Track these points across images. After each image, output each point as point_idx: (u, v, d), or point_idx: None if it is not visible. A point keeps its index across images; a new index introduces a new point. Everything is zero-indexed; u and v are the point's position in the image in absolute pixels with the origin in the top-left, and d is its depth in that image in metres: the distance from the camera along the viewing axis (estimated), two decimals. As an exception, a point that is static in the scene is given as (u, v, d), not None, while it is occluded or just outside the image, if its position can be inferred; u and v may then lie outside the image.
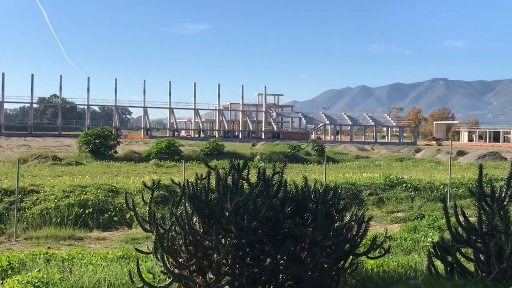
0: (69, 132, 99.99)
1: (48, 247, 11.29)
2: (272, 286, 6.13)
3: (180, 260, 6.14)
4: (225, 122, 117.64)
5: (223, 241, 5.95)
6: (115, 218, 14.61)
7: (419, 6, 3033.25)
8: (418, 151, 59.33)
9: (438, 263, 7.16)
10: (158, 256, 6.13)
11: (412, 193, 20.04)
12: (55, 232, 13.00)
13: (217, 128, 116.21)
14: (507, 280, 6.20)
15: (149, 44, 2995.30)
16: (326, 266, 6.28)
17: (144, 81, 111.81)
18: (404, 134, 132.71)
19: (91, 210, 14.60)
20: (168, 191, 16.45)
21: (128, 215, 14.49)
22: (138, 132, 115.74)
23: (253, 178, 6.44)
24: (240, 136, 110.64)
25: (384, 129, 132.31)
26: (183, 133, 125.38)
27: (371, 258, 7.18)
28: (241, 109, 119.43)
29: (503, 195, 6.56)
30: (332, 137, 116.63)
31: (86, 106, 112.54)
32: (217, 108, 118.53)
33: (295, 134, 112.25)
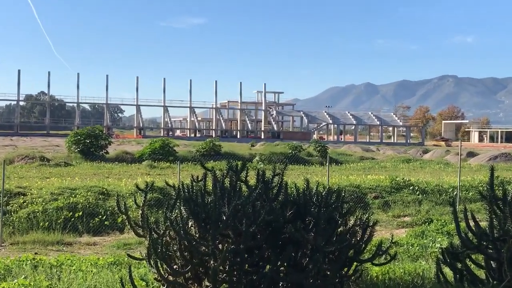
0: (58, 132, 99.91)
1: (36, 253, 11.28)
2: (272, 294, 6.13)
3: (175, 267, 6.13)
4: (223, 121, 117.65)
5: (220, 247, 5.94)
6: (106, 222, 14.59)
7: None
8: (426, 152, 59.35)
9: (447, 270, 7.15)
10: (152, 263, 6.12)
11: (420, 197, 20.05)
12: (43, 237, 12.98)
13: (214, 128, 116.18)
14: (520, 288, 6.20)
15: (142, 39, 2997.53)
16: (329, 273, 6.28)
17: (137, 78, 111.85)
18: (411, 134, 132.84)
19: (81, 214, 14.58)
20: (162, 194, 16.44)
21: (120, 219, 14.48)
22: (131, 132, 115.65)
23: (252, 180, 6.43)
24: (238, 136, 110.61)
25: (390, 129, 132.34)
26: (178, 133, 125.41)
27: (376, 265, 7.18)
28: (239, 108, 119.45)
29: (516, 199, 6.55)
30: (335, 137, 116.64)
31: (76, 104, 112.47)
32: (214, 106, 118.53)
33: (296, 134, 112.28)
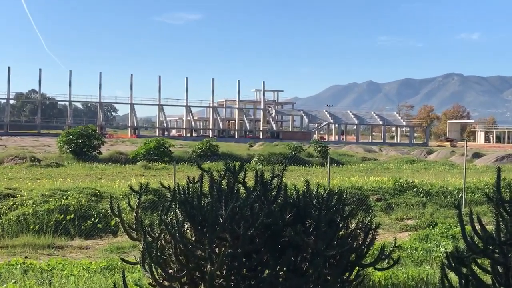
0: (49, 131, 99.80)
1: (26, 257, 11.27)
2: (271, 300, 6.13)
3: (170, 271, 6.13)
4: (220, 121, 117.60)
5: (217, 251, 5.94)
6: (99, 225, 14.58)
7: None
8: (430, 153, 59.40)
9: (452, 275, 7.15)
10: (146, 267, 6.11)
11: (424, 199, 20.06)
12: (33, 240, 12.96)
13: (211, 127, 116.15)
14: (527, 294, 6.21)
15: (137, 35, 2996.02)
16: (330, 278, 6.28)
17: (131, 76, 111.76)
18: (415, 134, 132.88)
19: (73, 217, 14.56)
20: (157, 196, 16.43)
21: (113, 222, 14.47)
22: (125, 131, 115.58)
23: (250, 182, 6.43)
24: (236, 136, 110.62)
25: (393, 129, 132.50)
26: (174, 133, 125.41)
27: (379, 270, 7.18)
28: (237, 107, 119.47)
29: (523, 201, 6.56)
30: (337, 137, 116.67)
31: (68, 103, 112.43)
32: (211, 105, 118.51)
33: (296, 134, 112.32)
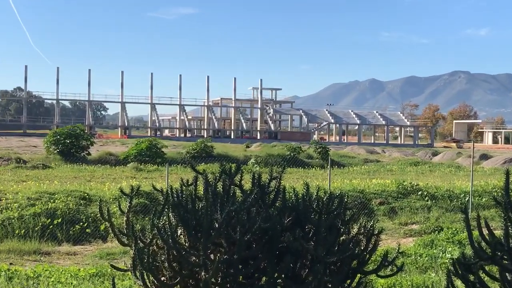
0: (36, 131, 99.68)
1: (11, 263, 11.25)
2: (268, 309, 6.12)
3: (163, 279, 6.11)
4: (215, 120, 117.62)
5: (212, 257, 5.93)
6: (88, 230, 14.56)
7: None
8: (436, 155, 59.49)
9: (459, 283, 7.16)
10: (137, 274, 6.10)
11: (429, 203, 20.09)
12: (19, 246, 12.94)
13: (206, 127, 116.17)
14: (537, 303, 6.21)
15: (128, 31, 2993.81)
16: (330, 286, 6.27)
17: (122, 73, 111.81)
18: (420, 135, 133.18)
19: (60, 221, 14.54)
20: (149, 199, 16.42)
21: (103, 227, 14.45)
22: (115, 131, 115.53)
23: (247, 185, 6.42)
24: (232, 136, 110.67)
25: (397, 129, 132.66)
26: (167, 133, 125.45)
27: (382, 277, 7.18)
28: (234, 105, 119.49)
29: (533, 205, 6.57)
30: (337, 138, 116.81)
31: (55, 101, 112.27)
32: (206, 104, 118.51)
33: (295, 134, 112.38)
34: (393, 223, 17.61)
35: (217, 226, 5.77)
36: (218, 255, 5.95)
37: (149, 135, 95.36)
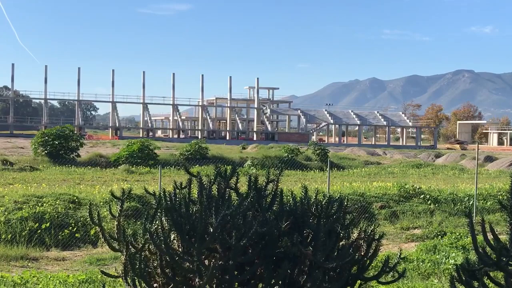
0: (23, 132, 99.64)
1: (-4, 269, 11.22)
2: (265, 317, 6.12)
3: (155, 285, 6.11)
4: (210, 121, 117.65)
5: (207, 263, 5.93)
6: (77, 235, 14.54)
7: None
8: (439, 156, 59.61)
9: (462, 290, 7.18)
10: (129, 281, 6.09)
11: (432, 206, 20.11)
12: (5, 251, 12.92)
13: (200, 128, 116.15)
14: (544, 310, 6.23)
15: (119, 27, 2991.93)
16: (330, 293, 6.28)
17: (113, 71, 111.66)
18: (422, 136, 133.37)
19: (49, 225, 14.52)
20: (141, 203, 16.41)
21: (93, 231, 14.45)
22: (106, 132, 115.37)
23: (243, 188, 6.43)
24: (228, 137, 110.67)
25: (399, 130, 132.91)
26: (159, 134, 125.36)
27: (383, 283, 7.18)
28: (229, 105, 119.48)
29: (540, 209, 6.58)
30: (337, 139, 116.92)
31: (43, 101, 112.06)
32: (200, 104, 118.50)
33: (293, 136, 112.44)
34: (395, 228, 17.63)
35: (212, 231, 5.77)
36: (213, 261, 5.95)
37: (141, 136, 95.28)
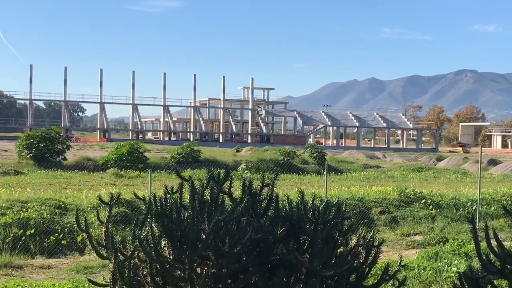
0: (6, 134, 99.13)
1: (-21, 278, 11.18)
2: (260, 327, 6.12)
3: (145, 295, 6.10)
4: (202, 122, 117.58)
5: (199, 271, 5.92)
6: (64, 242, 14.50)
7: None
8: (440, 160, 59.79)
9: (465, 298, 7.18)
10: (117, 290, 6.08)
11: (433, 212, 20.15)
12: (-12, 259, 12.87)
13: (192, 130, 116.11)
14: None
15: (108, 25, 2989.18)
16: (327, 302, 6.28)
17: (101, 71, 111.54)
18: (423, 139, 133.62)
19: (34, 232, 14.47)
20: (130, 208, 16.38)
21: (80, 238, 14.40)
22: (93, 134, 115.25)
23: (237, 192, 6.42)
24: (221, 140, 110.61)
25: (399, 132, 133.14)
26: (150, 136, 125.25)
27: (383, 292, 7.19)
28: (222, 106, 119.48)
29: (545, 215, 6.60)
30: (335, 142, 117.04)
31: (28, 101, 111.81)
32: (192, 105, 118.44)
33: (289, 138, 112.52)
34: (395, 234, 17.65)
35: (204, 238, 5.76)
36: (205, 269, 5.94)
37: (131, 139, 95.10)
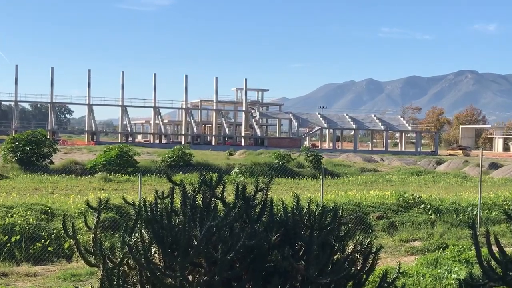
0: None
1: (-38, 286, 11.14)
2: (254, 337, 6.11)
3: (135, 303, 6.09)
4: (194, 125, 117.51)
5: (191, 278, 5.91)
6: (50, 248, 14.46)
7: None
8: (440, 163, 59.91)
9: (466, 306, 7.20)
10: (106, 298, 6.06)
11: (433, 217, 20.19)
12: (-29, 267, 12.83)
13: (184, 132, 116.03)
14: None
15: (96, 24, 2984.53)
16: (323, 310, 6.28)
17: (89, 71, 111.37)
18: (422, 141, 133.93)
19: (19, 238, 14.43)
20: (120, 214, 16.36)
21: (67, 245, 14.37)
22: (81, 137, 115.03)
23: (230, 197, 6.42)
24: (214, 143, 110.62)
25: (397, 135, 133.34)
26: (140, 139, 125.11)
27: (381, 300, 7.20)
28: (215, 108, 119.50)
29: (548, 220, 6.61)
30: (331, 145, 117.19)
31: (14, 103, 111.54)
32: (184, 107, 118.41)
33: (284, 141, 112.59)
34: (393, 240, 17.67)
35: (196, 244, 5.76)
36: (197, 276, 5.93)
37: (120, 141, 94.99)
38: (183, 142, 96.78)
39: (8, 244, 14.20)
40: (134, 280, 6.17)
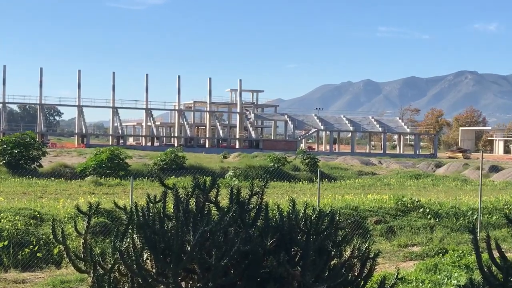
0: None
1: None
2: None
3: (126, 310, 6.08)
4: (187, 127, 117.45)
5: (184, 285, 5.91)
6: (39, 254, 14.43)
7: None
8: (439, 166, 60.06)
9: (466, 313, 7.21)
10: (96, 305, 6.05)
11: (432, 221, 20.21)
12: (-43, 273, 12.79)
13: (177, 135, 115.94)
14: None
15: (86, 23, 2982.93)
16: (320, 318, 6.28)
17: (79, 72, 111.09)
18: (421, 144, 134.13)
19: (7, 244, 14.39)
20: (110, 218, 16.33)
21: (56, 250, 14.33)
22: (71, 140, 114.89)
23: (224, 201, 6.42)
24: (207, 145, 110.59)
25: (395, 137, 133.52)
26: (131, 141, 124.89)
27: (379, 307, 7.20)
28: (209, 110, 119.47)
29: (550, 224, 6.63)
30: (328, 147, 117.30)
31: (1, 105, 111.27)
32: (177, 108, 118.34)
33: (279, 143, 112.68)
34: (391, 245, 17.68)
35: (189, 249, 5.75)
36: (191, 283, 5.93)
37: (111, 144, 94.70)
38: (176, 145, 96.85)
39: (-4, 250, 14.18)
40: (126, 287, 6.16)
